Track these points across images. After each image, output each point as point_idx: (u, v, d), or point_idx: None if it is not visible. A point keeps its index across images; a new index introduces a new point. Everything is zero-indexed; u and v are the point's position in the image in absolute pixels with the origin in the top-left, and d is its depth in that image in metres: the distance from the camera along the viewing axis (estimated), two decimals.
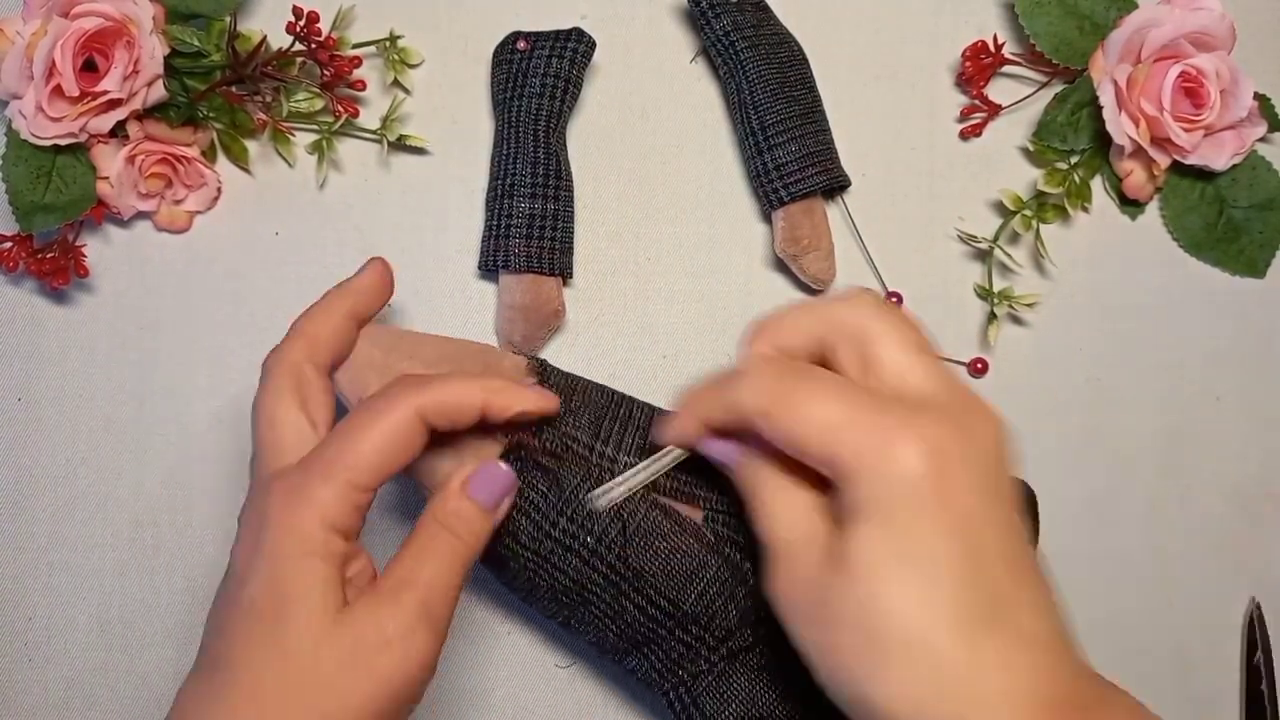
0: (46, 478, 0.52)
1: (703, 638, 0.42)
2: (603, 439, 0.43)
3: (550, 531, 0.41)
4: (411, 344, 0.43)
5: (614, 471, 0.42)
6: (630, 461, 0.42)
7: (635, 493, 0.41)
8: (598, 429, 0.43)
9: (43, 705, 0.51)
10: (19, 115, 0.49)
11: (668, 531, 0.42)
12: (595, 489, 0.41)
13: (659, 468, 0.41)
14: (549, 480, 0.41)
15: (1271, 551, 0.54)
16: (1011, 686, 0.31)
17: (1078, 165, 0.54)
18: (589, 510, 0.41)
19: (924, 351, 0.35)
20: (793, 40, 0.54)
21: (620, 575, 0.41)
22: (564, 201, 0.52)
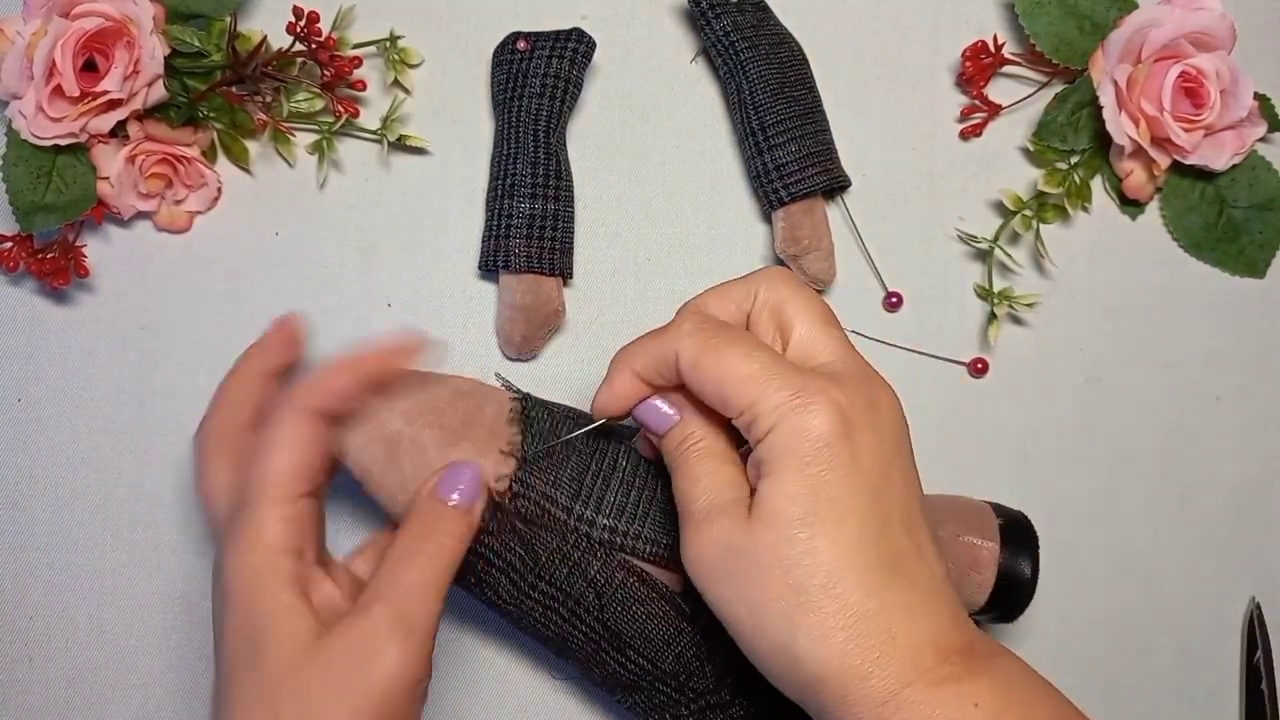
0: (46, 478, 0.52)
1: (682, 691, 0.42)
2: (583, 498, 0.42)
3: (529, 593, 0.41)
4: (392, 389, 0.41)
5: (590, 535, 0.41)
6: (610, 525, 0.41)
7: (615, 560, 0.41)
8: (579, 486, 0.42)
9: (43, 705, 0.51)
10: (19, 115, 0.49)
11: (644, 598, 0.41)
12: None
13: (594, 426, 0.41)
14: (525, 545, 0.41)
15: (1271, 551, 0.54)
16: (916, 633, 0.33)
17: (1078, 165, 0.54)
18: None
19: (832, 325, 0.38)
20: (793, 40, 0.54)
21: (600, 635, 0.42)
22: (564, 202, 0.52)
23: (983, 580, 0.45)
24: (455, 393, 0.43)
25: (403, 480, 0.41)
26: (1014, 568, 0.45)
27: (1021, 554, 0.45)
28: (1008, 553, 0.45)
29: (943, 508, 0.47)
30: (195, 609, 0.52)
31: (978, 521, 0.46)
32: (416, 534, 0.38)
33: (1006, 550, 0.45)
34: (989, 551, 0.45)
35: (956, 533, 0.46)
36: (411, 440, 0.41)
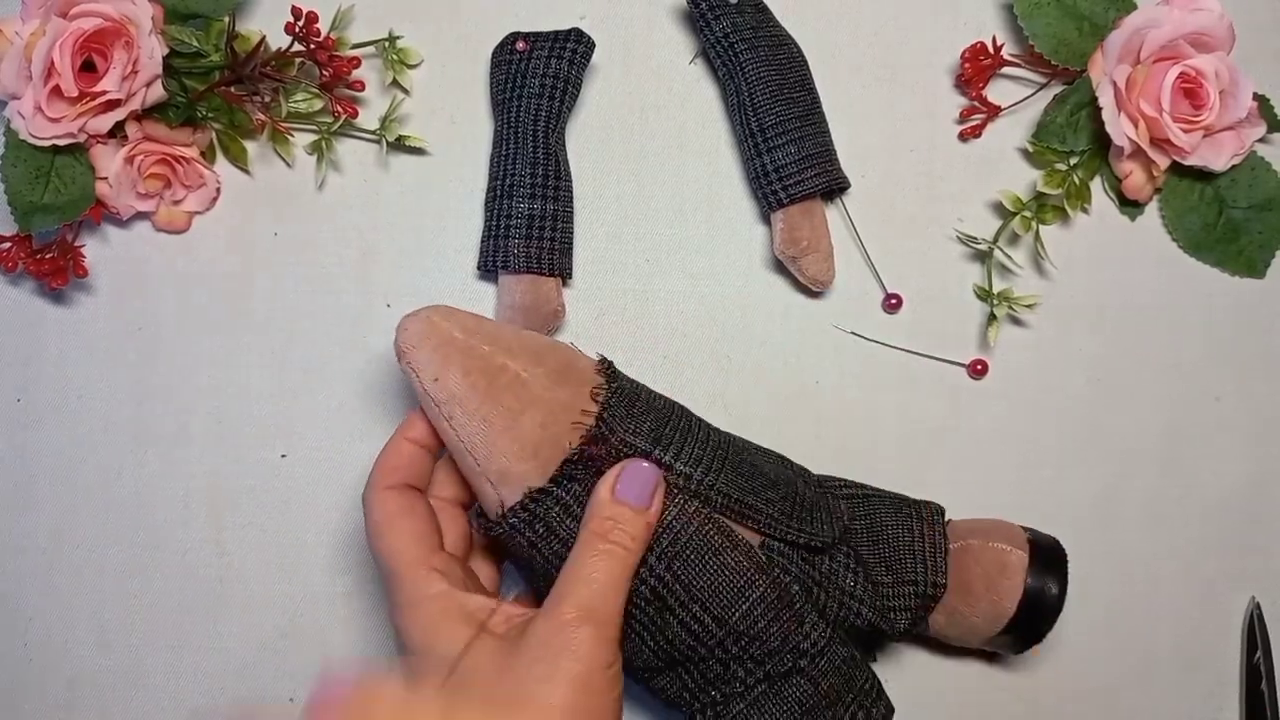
0: (46, 478, 0.52)
1: (741, 658, 0.42)
2: (662, 445, 0.42)
3: None
4: (491, 329, 0.43)
5: (667, 480, 0.42)
6: (687, 472, 0.42)
7: (692, 506, 0.42)
8: (658, 436, 0.43)
9: (43, 705, 0.51)
10: (18, 116, 0.49)
11: (719, 547, 0.41)
12: None
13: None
14: None
15: (1271, 551, 0.54)
16: None
17: (1077, 166, 0.54)
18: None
19: None
20: (792, 42, 0.54)
21: (667, 588, 0.41)
22: (563, 202, 0.52)
23: (1011, 586, 0.45)
24: (553, 342, 0.44)
25: (503, 411, 0.41)
26: (1042, 583, 0.46)
27: (1051, 571, 0.46)
28: (1036, 566, 0.46)
29: (976, 525, 0.48)
30: (195, 610, 0.52)
31: (1008, 533, 0.47)
32: (597, 536, 0.40)
33: (1035, 564, 0.46)
34: (1017, 559, 0.46)
35: (987, 540, 0.47)
36: (515, 376, 0.42)
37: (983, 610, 0.46)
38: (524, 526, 0.41)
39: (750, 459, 0.45)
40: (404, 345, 0.42)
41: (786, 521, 0.43)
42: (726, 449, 0.44)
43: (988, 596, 0.46)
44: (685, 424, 0.44)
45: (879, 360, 0.54)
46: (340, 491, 0.52)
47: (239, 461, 0.52)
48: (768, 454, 0.46)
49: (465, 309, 0.43)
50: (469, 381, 0.41)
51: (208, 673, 0.51)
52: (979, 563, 0.46)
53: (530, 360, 0.42)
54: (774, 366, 0.54)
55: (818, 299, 0.54)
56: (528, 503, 0.41)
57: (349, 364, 0.53)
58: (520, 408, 0.41)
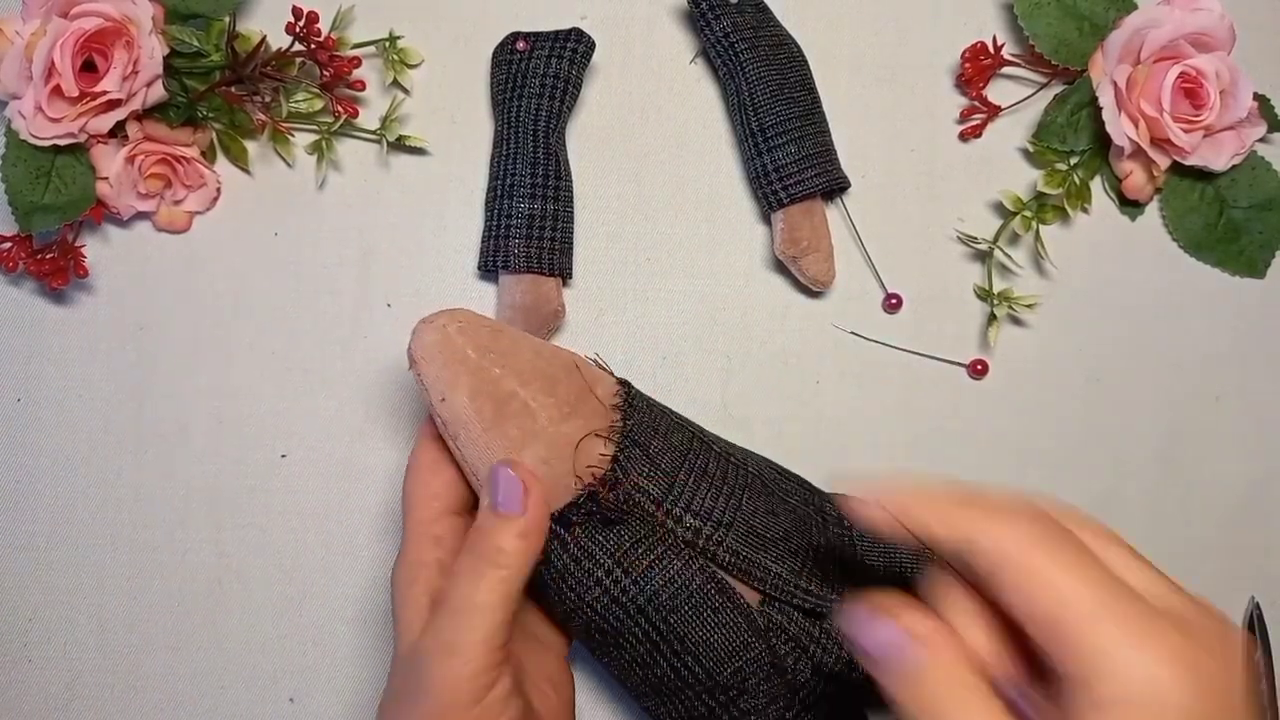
0: (46, 478, 0.52)
1: (727, 707, 0.41)
2: (674, 494, 0.41)
3: (601, 579, 0.40)
4: (507, 348, 0.41)
5: (675, 532, 0.40)
6: (697, 526, 0.41)
7: (696, 564, 0.41)
8: (671, 482, 0.41)
9: (43, 705, 0.51)
10: (18, 115, 0.49)
11: (718, 606, 0.41)
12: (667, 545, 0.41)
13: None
14: (609, 532, 0.40)
15: (1271, 551, 0.54)
16: None
17: (1077, 166, 0.54)
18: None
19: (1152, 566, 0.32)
20: (792, 42, 0.54)
21: (661, 635, 0.40)
22: (563, 202, 0.52)
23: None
24: (570, 367, 0.42)
25: (506, 443, 0.40)
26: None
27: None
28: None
29: None
30: (194, 610, 0.52)
31: None
32: (472, 556, 0.38)
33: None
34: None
35: None
36: (523, 405, 0.40)
37: None
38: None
39: (767, 502, 0.43)
40: (416, 354, 0.41)
41: (794, 583, 0.42)
42: (743, 493, 0.42)
43: None
44: (703, 462, 0.42)
45: (879, 360, 0.54)
46: (340, 491, 0.52)
47: (239, 461, 0.52)
48: (788, 485, 0.45)
49: (483, 315, 0.43)
50: (475, 406, 0.40)
51: (208, 673, 0.51)
52: None
53: (542, 388, 0.41)
54: (774, 366, 0.54)
55: (818, 299, 0.54)
56: None
57: (349, 364, 0.53)
58: (524, 440, 0.40)
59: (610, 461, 0.40)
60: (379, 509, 0.52)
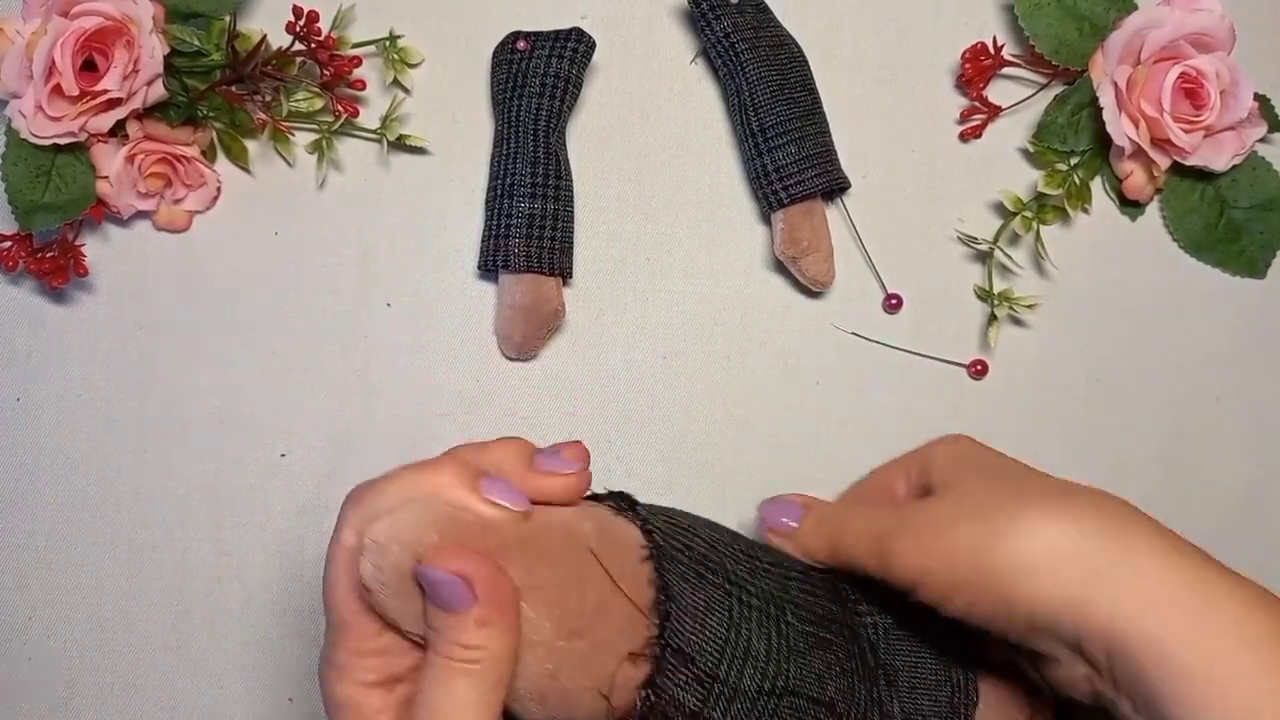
0: (46, 478, 0.52)
1: None
2: (711, 702, 0.34)
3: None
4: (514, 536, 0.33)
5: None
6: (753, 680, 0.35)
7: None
8: (709, 689, 0.34)
9: (42, 705, 0.51)
10: (19, 115, 0.49)
11: None
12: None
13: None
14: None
15: (1271, 551, 0.54)
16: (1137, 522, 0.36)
17: (1078, 166, 0.54)
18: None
19: None
20: (793, 42, 0.54)
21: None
22: (564, 201, 0.52)
23: None
24: (581, 561, 0.33)
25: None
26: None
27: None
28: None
29: None
30: (194, 610, 0.52)
31: None
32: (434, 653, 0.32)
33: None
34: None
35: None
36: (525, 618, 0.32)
37: None
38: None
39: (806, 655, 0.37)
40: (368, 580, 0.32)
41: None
42: (787, 674, 0.36)
43: None
44: (745, 643, 0.36)
45: (879, 360, 0.54)
46: (340, 491, 0.52)
47: (239, 461, 0.52)
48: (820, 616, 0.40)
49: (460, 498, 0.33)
50: None
51: (207, 673, 0.51)
52: None
53: (543, 599, 0.32)
54: (774, 366, 0.54)
55: (818, 299, 0.54)
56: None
57: (349, 364, 0.53)
58: (523, 646, 0.32)
59: (646, 689, 0.33)
60: None
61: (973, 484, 0.39)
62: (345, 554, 0.32)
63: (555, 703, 0.33)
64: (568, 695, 0.33)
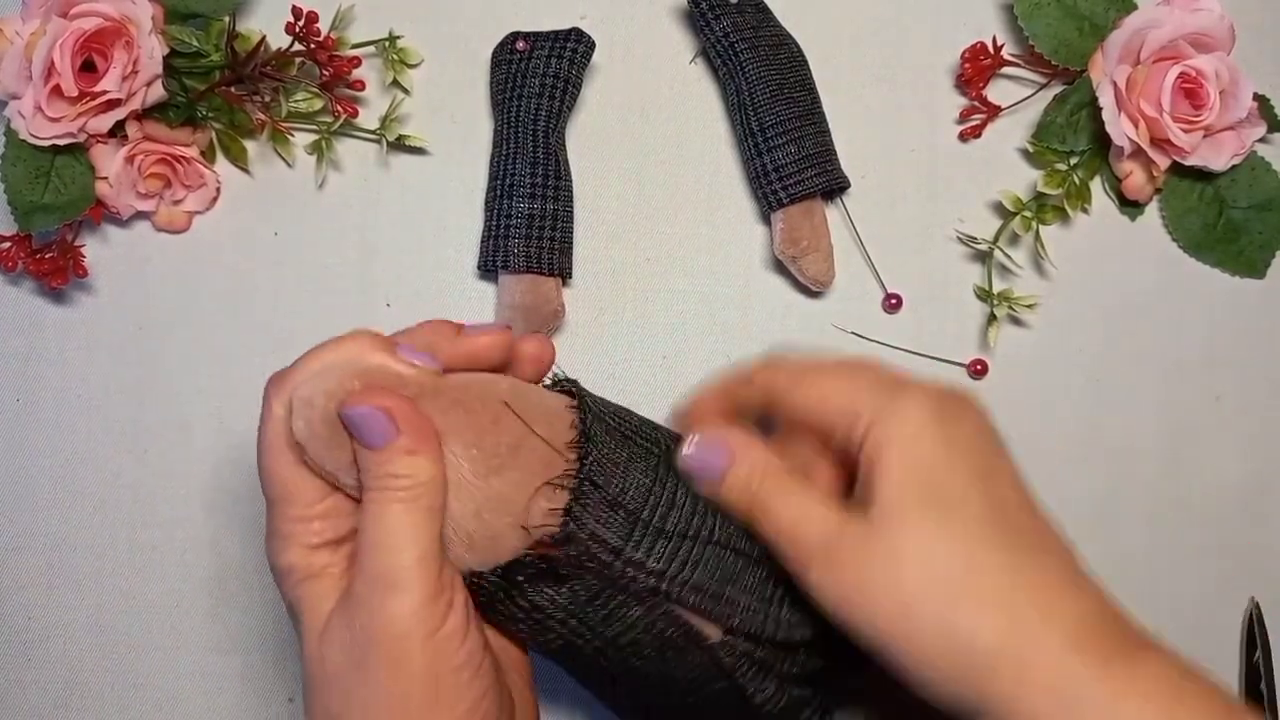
0: (46, 478, 0.52)
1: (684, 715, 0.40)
2: (635, 538, 0.36)
3: (555, 628, 0.37)
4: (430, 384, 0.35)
5: (636, 579, 0.36)
6: (659, 570, 0.36)
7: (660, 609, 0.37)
8: (632, 525, 0.36)
9: (43, 705, 0.51)
10: (18, 115, 0.49)
11: (682, 647, 0.38)
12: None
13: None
14: (561, 587, 0.36)
15: (1271, 551, 0.54)
16: (1068, 610, 0.32)
17: (1077, 166, 0.54)
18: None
19: None
20: (792, 42, 0.54)
21: (622, 671, 0.38)
22: (563, 202, 0.52)
23: None
24: (498, 408, 0.36)
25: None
26: None
27: None
28: None
29: None
30: (194, 610, 0.52)
31: None
32: (369, 487, 0.34)
33: None
34: None
35: None
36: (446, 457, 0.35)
37: None
38: (478, 598, 0.36)
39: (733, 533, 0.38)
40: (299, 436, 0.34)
41: (763, 613, 0.38)
42: (713, 527, 0.38)
43: None
44: (669, 493, 0.37)
45: (879, 360, 0.54)
46: None
47: (239, 461, 0.52)
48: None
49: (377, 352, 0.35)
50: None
51: (207, 673, 0.51)
52: None
53: (461, 441, 0.35)
54: None
55: (818, 299, 0.54)
56: (470, 581, 0.35)
57: None
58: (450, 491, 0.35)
59: (563, 514, 0.35)
60: None
61: (926, 539, 0.33)
62: (275, 425, 0.34)
63: (482, 544, 0.35)
64: (493, 534, 0.35)
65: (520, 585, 0.36)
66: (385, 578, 0.32)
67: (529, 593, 0.36)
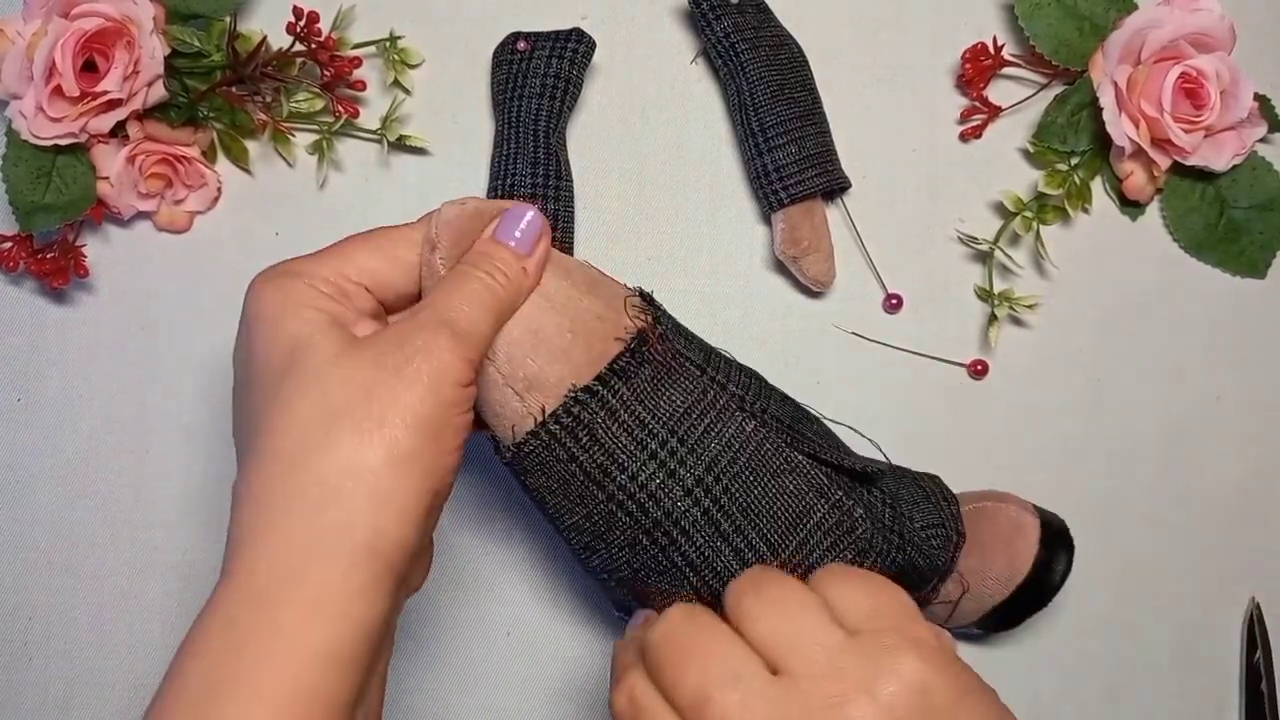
0: (46, 478, 0.52)
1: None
2: (713, 366, 0.40)
3: (657, 452, 0.37)
4: None
5: (722, 396, 0.39)
6: (740, 393, 0.40)
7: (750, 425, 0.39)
8: (707, 358, 0.41)
9: (43, 705, 0.51)
10: (19, 115, 0.49)
11: (777, 469, 0.38)
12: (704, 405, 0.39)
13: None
14: (659, 398, 0.38)
15: (1271, 551, 0.54)
16: None
17: (1078, 166, 0.54)
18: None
19: None
20: (793, 42, 0.54)
21: (723, 511, 0.38)
22: (564, 202, 0.52)
23: (1026, 545, 0.47)
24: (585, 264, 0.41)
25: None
26: (1052, 550, 0.47)
27: (1059, 541, 0.47)
28: (1047, 534, 0.47)
29: (984, 493, 0.50)
30: (195, 609, 0.52)
31: (1017, 500, 0.49)
32: (469, 264, 0.36)
33: (1045, 531, 0.47)
34: (1031, 522, 0.47)
35: (1001, 502, 0.48)
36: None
37: (997, 570, 0.46)
38: (566, 436, 0.37)
39: (788, 398, 0.44)
40: (435, 226, 0.39)
41: (835, 451, 0.41)
42: (767, 385, 0.43)
43: (1004, 554, 0.46)
44: (727, 359, 0.43)
45: (879, 360, 0.54)
46: None
47: None
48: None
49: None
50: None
51: None
52: (994, 522, 0.47)
53: (554, 273, 0.39)
54: (774, 366, 0.54)
55: (818, 299, 0.54)
56: (571, 405, 0.37)
57: None
58: (534, 319, 0.38)
59: (653, 321, 0.39)
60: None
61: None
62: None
63: (578, 358, 0.37)
64: (588, 348, 0.38)
65: (617, 389, 0.37)
66: (452, 323, 0.34)
67: (630, 402, 0.37)
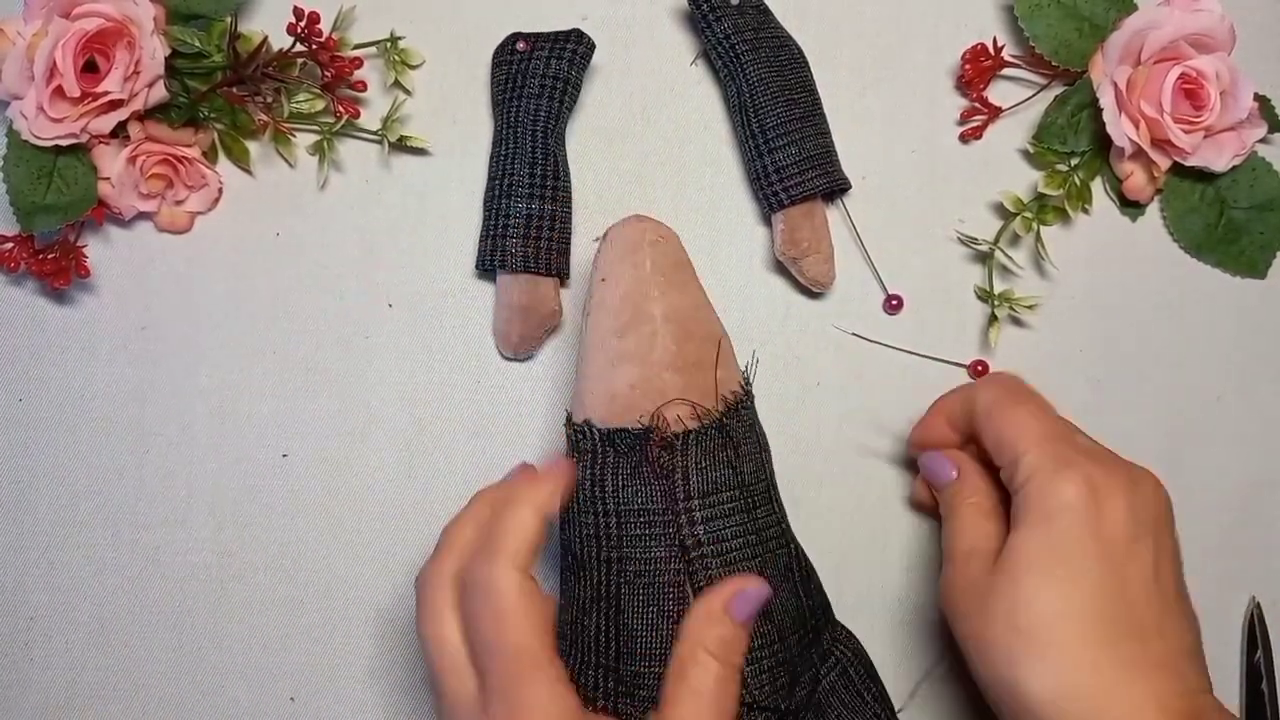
0: (46, 478, 0.52)
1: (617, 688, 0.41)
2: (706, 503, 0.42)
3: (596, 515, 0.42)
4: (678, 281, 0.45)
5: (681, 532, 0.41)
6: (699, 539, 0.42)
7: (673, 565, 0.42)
8: (712, 493, 0.42)
9: (43, 705, 0.51)
10: (20, 116, 0.49)
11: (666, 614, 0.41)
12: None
13: None
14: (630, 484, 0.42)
15: (1271, 551, 0.54)
16: (1136, 691, 0.36)
17: (1078, 167, 0.54)
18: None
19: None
20: (793, 43, 0.54)
21: (605, 597, 0.42)
22: (561, 203, 0.52)
23: None
24: (711, 338, 0.45)
25: (615, 349, 0.43)
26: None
27: None
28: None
29: None
30: (195, 610, 0.52)
31: None
32: (710, 654, 0.36)
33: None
34: None
35: None
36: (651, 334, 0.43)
37: None
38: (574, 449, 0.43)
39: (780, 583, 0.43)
40: (610, 235, 0.45)
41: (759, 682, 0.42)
42: (763, 562, 0.43)
43: None
44: (750, 505, 0.43)
45: (879, 361, 0.54)
46: (341, 491, 0.53)
47: (240, 461, 0.52)
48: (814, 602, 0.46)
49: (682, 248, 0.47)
50: (619, 303, 0.43)
51: (208, 673, 0.51)
52: None
53: (675, 334, 0.43)
54: (774, 367, 0.54)
55: (818, 300, 0.54)
56: (572, 432, 0.43)
57: (350, 364, 0.53)
58: (628, 358, 0.43)
59: (681, 434, 0.42)
60: (379, 509, 0.52)
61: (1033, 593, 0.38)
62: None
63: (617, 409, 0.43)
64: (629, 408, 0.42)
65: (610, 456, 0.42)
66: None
67: (607, 469, 0.42)
